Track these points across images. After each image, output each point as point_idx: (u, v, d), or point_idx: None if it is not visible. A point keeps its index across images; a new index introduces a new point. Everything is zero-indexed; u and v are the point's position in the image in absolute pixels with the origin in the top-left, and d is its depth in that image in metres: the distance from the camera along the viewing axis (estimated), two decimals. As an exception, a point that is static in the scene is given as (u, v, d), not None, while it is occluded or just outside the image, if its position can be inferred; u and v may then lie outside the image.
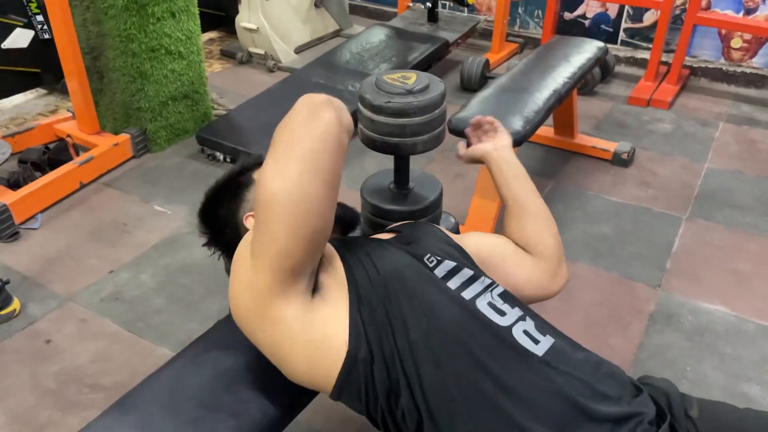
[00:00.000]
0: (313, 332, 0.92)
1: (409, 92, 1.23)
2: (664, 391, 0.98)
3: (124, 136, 2.72)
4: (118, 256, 2.20)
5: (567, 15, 3.94)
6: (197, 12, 2.77)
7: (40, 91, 3.37)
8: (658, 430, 0.89)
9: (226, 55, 3.91)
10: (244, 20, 3.66)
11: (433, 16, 3.77)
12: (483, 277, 1.04)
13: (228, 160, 2.74)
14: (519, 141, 1.95)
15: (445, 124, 1.38)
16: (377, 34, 3.57)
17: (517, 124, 1.98)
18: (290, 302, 0.91)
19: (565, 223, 2.41)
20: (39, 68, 3.13)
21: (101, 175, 2.64)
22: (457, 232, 1.55)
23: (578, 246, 2.28)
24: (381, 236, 1.18)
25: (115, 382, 1.73)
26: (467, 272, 1.04)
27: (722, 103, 3.43)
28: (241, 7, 3.66)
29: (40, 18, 2.96)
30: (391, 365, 0.91)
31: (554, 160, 2.82)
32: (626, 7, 3.77)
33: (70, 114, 2.89)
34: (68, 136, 2.73)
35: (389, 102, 1.22)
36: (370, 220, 1.43)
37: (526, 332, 0.96)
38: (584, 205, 2.53)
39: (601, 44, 2.64)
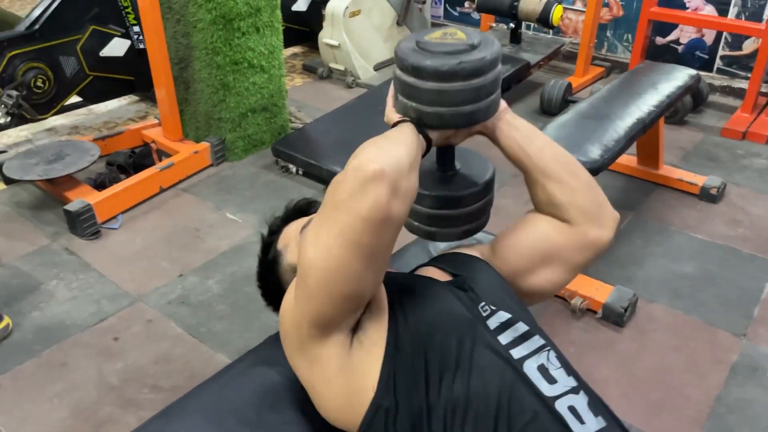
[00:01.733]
0: (347, 376, 0.90)
1: (473, 47, 0.96)
2: None
3: (204, 145, 2.81)
4: (189, 260, 2.26)
5: (659, 40, 3.77)
6: (281, 27, 2.84)
7: (133, 98, 3.55)
8: None
9: (308, 69, 3.99)
10: (326, 36, 3.73)
11: (516, 37, 3.70)
12: (537, 336, 0.96)
13: (300, 172, 2.78)
14: (596, 170, 1.86)
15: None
16: (458, 54, 3.54)
17: (595, 152, 1.90)
18: (328, 347, 0.91)
19: (644, 258, 2.28)
20: (133, 76, 3.30)
21: (180, 181, 2.73)
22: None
23: (656, 285, 2.14)
24: (435, 274, 1.10)
25: (173, 384, 1.77)
26: (521, 327, 0.96)
27: (829, 139, 3.16)
28: (325, 24, 3.73)
29: (136, 29, 3.13)
30: (417, 420, 0.86)
31: (636, 191, 2.68)
32: (724, 34, 3.56)
33: (157, 121, 3.03)
34: (153, 141, 2.85)
35: (461, 63, 0.94)
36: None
37: (572, 408, 0.86)
38: (665, 241, 2.38)
39: (693, 72, 2.50)
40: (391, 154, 0.84)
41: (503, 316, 0.96)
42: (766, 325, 1.97)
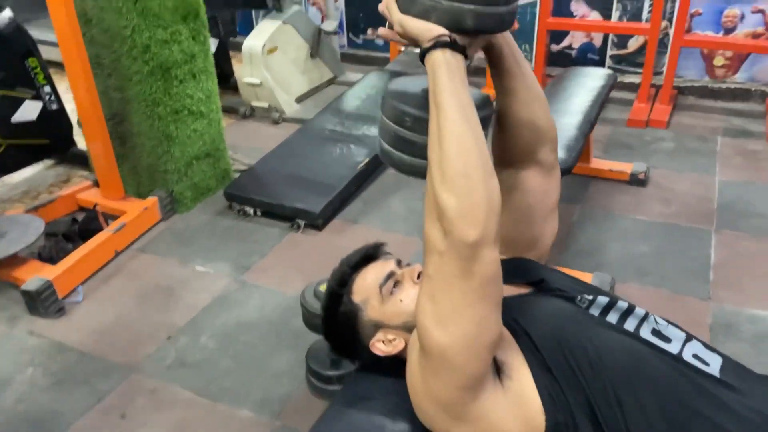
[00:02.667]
0: (515, 413, 0.90)
1: None
2: None
3: (152, 200, 2.70)
4: (172, 321, 2.16)
5: (554, 47, 4.11)
6: (214, 71, 2.81)
7: (48, 162, 3.32)
8: None
9: (229, 111, 3.92)
10: (246, 75, 3.71)
11: (429, 58, 3.87)
12: (636, 307, 1.05)
13: (259, 213, 2.74)
14: (569, 169, 2.02)
15: None
16: (379, 78, 3.66)
17: (563, 154, 2.05)
18: (485, 398, 0.90)
19: (603, 245, 2.48)
20: (48, 139, 3.09)
21: (134, 241, 2.60)
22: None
23: (623, 266, 2.34)
24: (510, 291, 1.08)
25: (202, 450, 1.69)
26: (622, 305, 1.03)
27: (714, 118, 3.60)
28: (243, 64, 3.71)
29: (47, 89, 2.94)
30: (592, 416, 0.89)
31: (575, 186, 2.91)
32: (611, 36, 3.95)
33: (90, 182, 2.86)
34: (96, 204, 2.69)
35: None
36: (394, 132, 1.01)
37: (695, 356, 0.96)
38: (615, 226, 2.61)
39: (609, 71, 2.78)
40: (476, 189, 0.82)
41: (602, 301, 1.03)
42: (723, 287, 2.22)
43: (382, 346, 1.07)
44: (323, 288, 1.71)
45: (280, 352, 2.01)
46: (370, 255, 1.16)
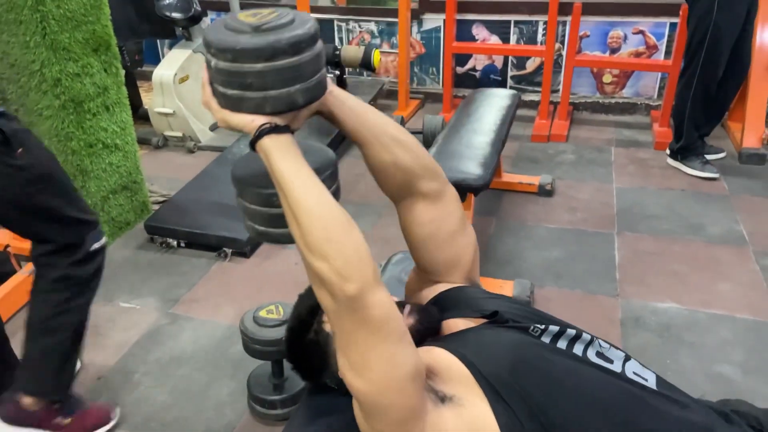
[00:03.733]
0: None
1: (292, 21, 0.94)
2: (752, 413, 1.08)
3: (68, 237, 2.59)
4: (102, 360, 2.09)
5: (459, 69, 4.33)
6: (128, 103, 2.76)
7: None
8: None
9: (141, 142, 3.82)
10: (158, 106, 3.65)
11: (342, 83, 3.97)
12: (583, 332, 1.08)
13: (183, 245, 2.70)
14: (485, 185, 2.15)
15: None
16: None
17: (479, 170, 2.18)
18: (432, 422, 0.93)
19: (520, 253, 2.64)
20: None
21: (50, 281, 2.49)
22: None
23: (541, 272, 2.51)
24: (462, 324, 1.12)
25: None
26: (570, 332, 1.07)
27: (607, 130, 3.92)
28: (154, 94, 3.65)
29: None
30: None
31: (490, 199, 3.08)
32: (510, 57, 4.22)
33: (-4, 223, 2.71)
34: (7, 246, 2.55)
35: (307, 30, 0.91)
36: (267, 214, 1.06)
37: (635, 373, 1.02)
38: (530, 235, 2.79)
39: (514, 92, 2.98)
40: (342, 248, 0.87)
41: (552, 329, 1.07)
42: (628, 283, 2.43)
43: None
44: (263, 314, 1.74)
45: (219, 382, 1.99)
46: None
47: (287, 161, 0.93)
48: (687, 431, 0.95)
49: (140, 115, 4.01)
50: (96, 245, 1.65)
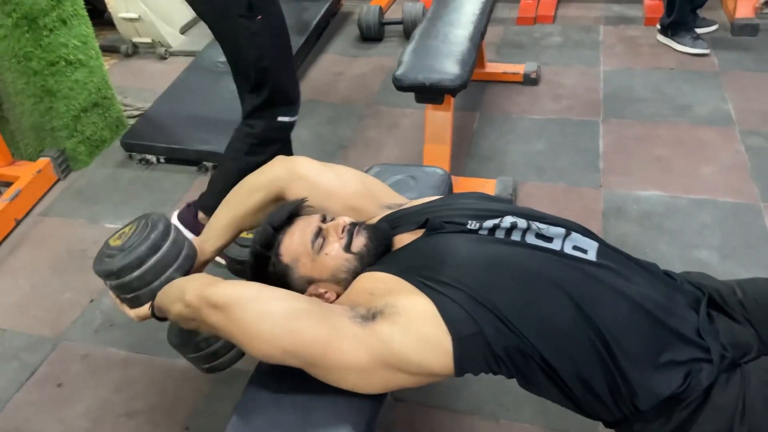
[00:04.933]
0: (416, 339, 0.97)
1: (122, 249, 1.19)
2: (711, 284, 1.12)
3: (44, 161, 2.56)
4: (92, 283, 2.12)
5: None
6: (86, 14, 2.61)
7: None
8: (714, 311, 1.06)
9: (109, 50, 3.67)
10: (121, 11, 3.46)
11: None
12: (518, 221, 1.10)
13: (162, 160, 2.66)
14: (463, 85, 2.08)
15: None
16: None
17: (457, 69, 2.10)
18: (362, 338, 0.98)
19: (503, 148, 2.61)
20: None
21: (33, 207, 2.48)
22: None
23: (522, 167, 2.49)
24: (410, 237, 1.15)
25: (148, 404, 1.74)
26: (506, 222, 1.10)
27: (595, 7, 3.74)
28: (116, -3, 3.45)
29: None
30: (499, 324, 0.97)
31: (472, 92, 2.99)
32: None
33: (-30, 150, 2.66)
34: (-16, 173, 2.53)
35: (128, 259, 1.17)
36: (202, 356, 1.29)
37: (575, 247, 1.06)
38: (514, 128, 2.74)
39: (494, -25, 2.79)
40: (176, 291, 1.11)
41: (488, 224, 1.10)
42: (612, 173, 2.42)
43: (316, 293, 1.12)
44: (245, 235, 1.75)
45: (208, 298, 2.04)
46: (293, 213, 1.18)
47: (176, 313, 1.11)
48: (622, 299, 1.00)
49: (106, 20, 3.80)
50: (285, 118, 1.90)
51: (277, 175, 1.27)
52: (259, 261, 1.16)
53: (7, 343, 1.94)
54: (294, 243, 1.13)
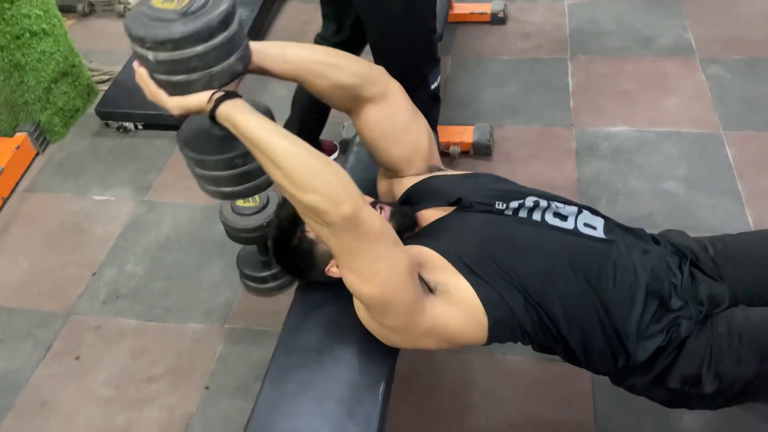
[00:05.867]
0: (462, 314, 1.10)
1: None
2: (685, 242, 1.25)
3: (21, 136, 2.54)
4: (91, 256, 2.18)
5: None
6: (44, -20, 2.52)
7: None
8: (687, 268, 1.19)
9: (65, 10, 3.53)
10: (73, -32, 3.32)
11: None
12: (543, 199, 1.22)
13: (141, 127, 2.66)
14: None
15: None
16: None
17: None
18: (429, 311, 1.08)
19: (478, 92, 2.68)
20: None
21: (17, 184, 2.49)
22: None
23: (497, 110, 2.57)
24: (441, 212, 1.25)
25: (167, 367, 1.84)
26: (529, 201, 1.21)
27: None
28: (65, -45, 3.30)
29: None
30: (527, 303, 1.11)
31: (444, 36, 3.01)
32: None
33: (-59, 129, 2.62)
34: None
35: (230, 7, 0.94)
36: (231, 176, 1.11)
37: (586, 224, 1.19)
38: (486, 71, 2.80)
39: None
40: (327, 177, 0.94)
41: (513, 204, 1.21)
42: (582, 111, 2.52)
43: (336, 270, 1.19)
44: (241, 203, 1.81)
45: (209, 263, 2.12)
46: None
47: (251, 119, 0.98)
48: (625, 273, 1.14)
49: (56, -22, 3.65)
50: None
51: (378, 78, 1.25)
52: (284, 235, 1.22)
53: (17, 322, 2.01)
54: None
